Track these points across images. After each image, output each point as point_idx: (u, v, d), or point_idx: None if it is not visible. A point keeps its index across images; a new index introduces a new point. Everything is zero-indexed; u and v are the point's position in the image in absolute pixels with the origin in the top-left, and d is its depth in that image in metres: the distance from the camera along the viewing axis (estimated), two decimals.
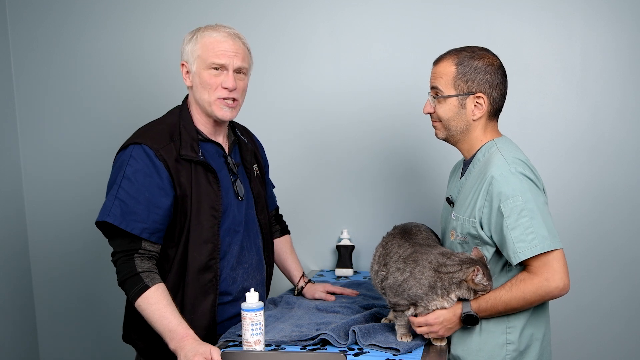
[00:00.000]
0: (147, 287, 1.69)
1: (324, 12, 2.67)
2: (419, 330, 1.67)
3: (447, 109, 1.75)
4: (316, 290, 2.16)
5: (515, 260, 1.61)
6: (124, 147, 1.80)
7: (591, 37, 2.49)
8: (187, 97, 1.93)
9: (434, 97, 1.77)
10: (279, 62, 2.71)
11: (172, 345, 1.63)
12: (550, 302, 1.76)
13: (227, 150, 1.95)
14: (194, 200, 1.80)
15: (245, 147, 2.03)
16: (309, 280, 2.22)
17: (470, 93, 1.73)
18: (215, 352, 1.54)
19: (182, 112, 1.88)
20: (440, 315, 1.64)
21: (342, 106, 2.68)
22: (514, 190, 1.62)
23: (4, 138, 2.85)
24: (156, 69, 2.78)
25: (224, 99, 1.83)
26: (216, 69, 1.81)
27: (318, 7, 2.67)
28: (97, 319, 2.95)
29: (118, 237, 1.75)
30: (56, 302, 2.99)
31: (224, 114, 1.84)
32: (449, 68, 1.74)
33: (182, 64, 1.86)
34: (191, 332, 1.65)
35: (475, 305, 1.64)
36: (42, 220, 2.96)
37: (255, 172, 2.04)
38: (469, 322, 1.65)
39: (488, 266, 1.65)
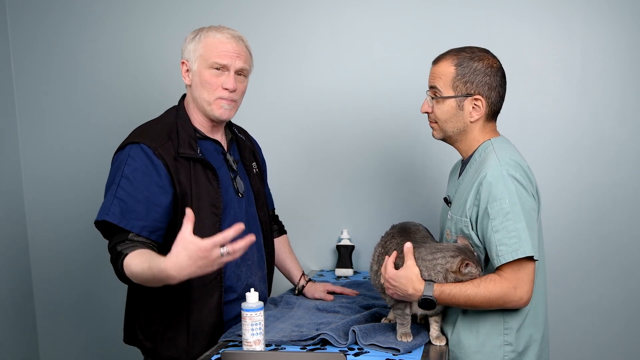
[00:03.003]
0: (125, 255, 1.64)
1: (324, 12, 2.67)
2: (381, 279, 1.70)
3: (444, 110, 1.74)
4: (316, 290, 2.16)
5: (497, 263, 1.61)
6: (121, 147, 1.80)
7: (591, 37, 2.49)
8: (183, 96, 1.93)
9: (432, 98, 1.76)
10: (279, 62, 2.71)
11: (173, 273, 1.50)
12: (550, 302, 1.75)
13: (225, 148, 1.95)
14: (194, 198, 1.79)
15: (244, 144, 2.04)
16: (309, 280, 2.22)
17: (468, 95, 1.72)
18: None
19: (178, 111, 1.89)
20: (401, 279, 1.62)
21: (342, 106, 2.68)
22: (502, 192, 1.62)
23: (4, 138, 2.85)
24: (156, 69, 2.78)
25: (223, 98, 1.83)
26: (217, 69, 1.82)
27: (318, 7, 2.67)
28: (98, 318, 2.95)
29: (113, 236, 1.74)
30: (56, 302, 2.99)
31: (222, 112, 1.84)
32: (448, 69, 1.73)
33: (183, 62, 1.87)
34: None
35: (437, 292, 1.60)
36: (42, 219, 2.96)
37: (254, 170, 2.05)
38: (425, 305, 1.62)
39: (475, 251, 1.64)
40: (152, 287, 1.67)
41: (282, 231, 2.29)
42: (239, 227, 1.49)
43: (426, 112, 1.80)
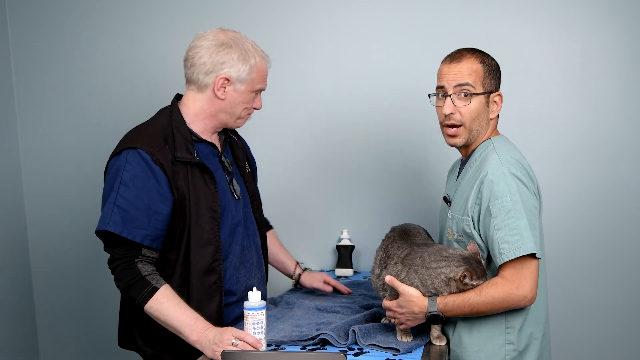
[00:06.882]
0: (155, 289, 1.69)
1: (323, 12, 2.67)
2: (387, 314, 1.71)
3: (474, 108, 1.72)
4: (314, 279, 2.20)
5: (499, 261, 1.60)
6: (117, 152, 1.76)
7: (591, 37, 2.49)
8: (176, 97, 1.91)
9: (466, 94, 1.71)
10: (278, 63, 2.68)
11: (194, 337, 1.65)
12: (550, 302, 1.75)
13: (220, 150, 1.95)
14: (192, 203, 1.78)
15: (237, 145, 2.03)
16: (305, 269, 2.25)
17: (492, 91, 1.75)
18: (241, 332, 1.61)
19: (172, 113, 1.85)
20: (403, 304, 1.63)
21: (342, 106, 2.68)
22: (504, 191, 1.62)
23: (3, 136, 2.85)
24: (155, 68, 2.78)
25: (249, 114, 1.92)
26: (258, 91, 1.89)
27: (318, 7, 2.67)
28: (98, 318, 2.95)
29: (118, 245, 1.73)
30: (56, 299, 2.99)
31: (243, 124, 1.94)
32: (476, 66, 1.72)
33: (225, 78, 1.80)
34: (211, 324, 1.68)
35: (441, 305, 1.61)
36: (42, 216, 2.96)
37: (247, 170, 2.05)
38: (433, 320, 1.63)
39: (482, 261, 1.64)
40: None
41: (268, 226, 2.30)
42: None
43: (450, 114, 1.73)
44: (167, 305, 1.68)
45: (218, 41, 1.81)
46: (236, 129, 2.13)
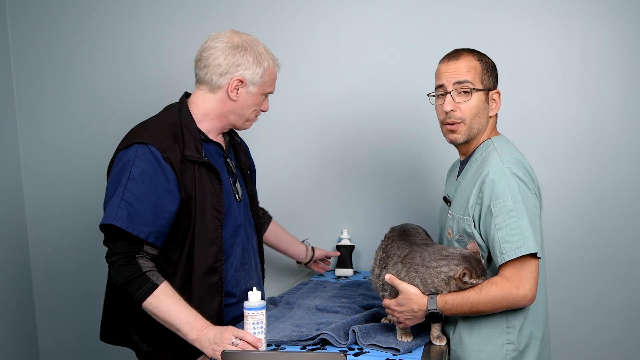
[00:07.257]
0: (155, 285, 1.68)
1: (323, 12, 2.67)
2: (386, 312, 1.72)
3: (474, 105, 1.73)
4: (322, 250, 2.52)
5: (500, 261, 1.60)
6: (126, 146, 1.74)
7: (591, 37, 2.49)
8: (184, 95, 1.91)
9: (466, 92, 1.72)
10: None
11: (193, 335, 1.65)
12: (550, 301, 1.74)
13: (225, 151, 1.95)
14: (198, 202, 1.78)
15: (240, 147, 2.04)
16: (312, 247, 2.48)
17: (491, 89, 1.76)
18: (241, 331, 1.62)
19: (181, 110, 1.84)
20: (403, 302, 1.63)
21: (342, 107, 2.68)
22: (505, 190, 1.62)
23: (3, 136, 2.85)
24: (155, 68, 2.78)
25: (256, 116, 1.94)
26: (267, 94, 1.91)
27: (318, 7, 2.67)
28: (97, 316, 2.92)
29: (120, 240, 1.72)
30: (56, 299, 2.99)
31: (250, 126, 1.95)
32: (474, 63, 1.74)
33: (239, 80, 1.81)
34: (210, 323, 1.68)
35: (441, 303, 1.60)
36: (42, 216, 2.96)
37: (248, 172, 2.05)
38: (432, 319, 1.63)
39: (482, 260, 1.64)
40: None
41: (268, 216, 2.35)
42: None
43: (451, 110, 1.74)
44: (166, 303, 1.68)
45: (233, 43, 1.81)
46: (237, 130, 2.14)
